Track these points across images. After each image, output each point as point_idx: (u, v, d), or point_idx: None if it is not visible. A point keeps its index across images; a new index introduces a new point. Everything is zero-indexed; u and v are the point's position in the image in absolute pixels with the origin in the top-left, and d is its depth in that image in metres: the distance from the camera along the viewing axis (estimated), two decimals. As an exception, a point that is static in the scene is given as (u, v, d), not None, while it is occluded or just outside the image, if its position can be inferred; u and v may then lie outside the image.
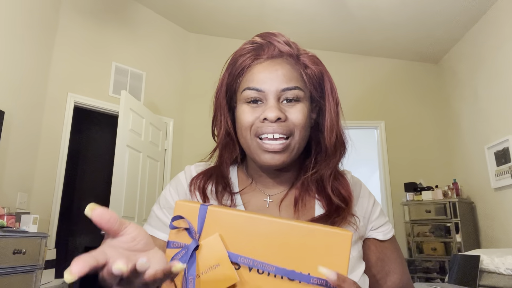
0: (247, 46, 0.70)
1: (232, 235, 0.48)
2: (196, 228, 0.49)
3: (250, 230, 0.48)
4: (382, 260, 0.70)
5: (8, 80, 2.76)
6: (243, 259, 0.47)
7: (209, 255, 0.47)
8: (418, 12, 3.91)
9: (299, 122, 0.65)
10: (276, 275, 0.46)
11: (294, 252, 0.46)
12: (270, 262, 0.46)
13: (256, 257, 0.47)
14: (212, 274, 0.47)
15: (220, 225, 0.48)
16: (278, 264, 0.46)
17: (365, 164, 5.43)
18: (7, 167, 2.75)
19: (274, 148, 0.63)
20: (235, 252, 0.47)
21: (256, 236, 0.47)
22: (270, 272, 0.46)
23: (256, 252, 0.47)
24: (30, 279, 2.19)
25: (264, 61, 0.68)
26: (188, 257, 0.47)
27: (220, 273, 0.46)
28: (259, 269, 0.46)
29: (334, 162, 0.69)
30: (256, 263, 0.46)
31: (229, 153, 0.73)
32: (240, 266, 0.47)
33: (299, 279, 0.45)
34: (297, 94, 0.66)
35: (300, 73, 0.69)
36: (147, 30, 4.16)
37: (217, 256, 0.47)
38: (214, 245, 0.47)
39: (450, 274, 3.18)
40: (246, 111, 0.66)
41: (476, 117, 4.04)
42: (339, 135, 0.70)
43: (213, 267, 0.47)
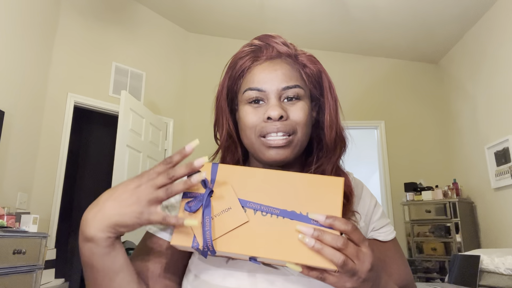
0: (246, 48, 0.72)
1: (240, 185, 0.56)
2: (210, 180, 0.56)
3: (255, 180, 0.56)
4: (384, 262, 0.70)
5: (8, 80, 2.76)
6: (251, 204, 0.54)
7: (222, 200, 0.55)
8: (418, 12, 3.91)
9: (300, 119, 0.66)
10: (278, 216, 0.53)
11: (294, 197, 0.54)
12: (273, 205, 0.54)
13: (261, 202, 0.54)
14: (224, 216, 0.54)
15: (229, 178, 0.56)
16: (279, 206, 0.54)
17: (365, 164, 5.43)
18: (7, 167, 2.75)
19: (278, 143, 0.65)
20: (243, 198, 0.55)
21: (261, 185, 0.55)
22: (274, 214, 0.53)
23: (262, 198, 0.54)
24: (30, 279, 2.19)
25: (263, 62, 0.70)
26: (204, 199, 0.54)
27: (232, 215, 0.53)
28: (263, 212, 0.54)
29: (334, 157, 0.71)
30: (263, 207, 0.54)
31: (231, 155, 0.74)
32: (246, 210, 0.54)
33: (299, 220, 0.52)
34: (297, 92, 0.67)
35: (299, 72, 0.70)
36: (147, 30, 4.16)
37: (228, 201, 0.54)
38: (226, 192, 0.55)
39: (450, 274, 3.18)
40: (249, 112, 0.68)
41: (476, 117, 4.04)
42: (339, 132, 0.72)
43: (226, 210, 0.54)
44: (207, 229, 0.52)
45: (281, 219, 0.52)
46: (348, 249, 0.48)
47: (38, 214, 2.57)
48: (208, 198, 0.54)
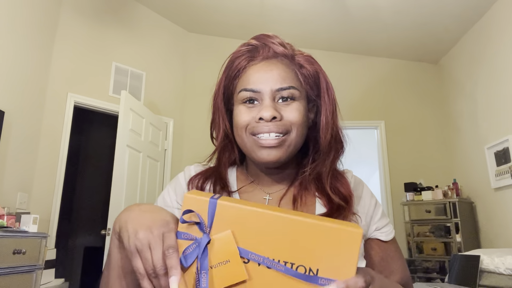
0: (243, 48, 0.72)
1: (242, 229, 0.48)
2: (206, 222, 0.49)
3: (260, 225, 0.48)
4: (386, 261, 0.71)
5: (8, 80, 2.76)
6: (253, 255, 0.48)
7: (220, 251, 0.48)
8: (418, 12, 3.91)
9: (295, 120, 0.66)
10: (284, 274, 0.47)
11: (303, 249, 0.47)
12: (280, 258, 0.47)
13: (265, 253, 0.47)
14: (222, 269, 0.48)
15: (230, 220, 0.49)
16: (287, 259, 0.47)
17: (365, 164, 5.43)
18: (7, 167, 2.75)
19: (270, 143, 0.64)
20: (245, 247, 0.48)
21: (266, 231, 0.48)
22: (279, 270, 0.47)
23: (266, 248, 0.47)
24: (30, 279, 2.19)
25: (259, 62, 0.70)
26: (200, 251, 0.48)
27: (230, 269, 0.47)
28: (268, 266, 0.47)
29: (329, 160, 0.70)
30: (265, 260, 0.47)
31: (227, 154, 0.74)
32: (249, 261, 0.48)
33: (306, 280, 0.46)
34: (292, 93, 0.67)
35: (295, 73, 0.70)
36: (147, 30, 4.16)
37: (228, 252, 0.48)
38: (226, 241, 0.48)
39: (450, 274, 3.18)
40: (243, 111, 0.67)
41: (476, 117, 4.04)
42: (335, 134, 0.70)
43: (223, 262, 0.48)
44: (204, 286, 0.47)
45: (286, 278, 0.46)
46: None
47: (38, 214, 2.57)
48: (205, 248, 0.48)
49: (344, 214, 0.66)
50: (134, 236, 0.50)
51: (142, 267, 0.49)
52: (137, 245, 0.49)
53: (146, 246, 0.49)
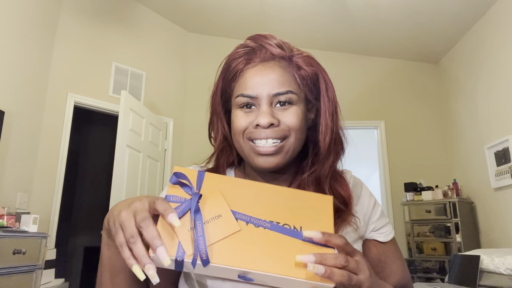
0: (239, 50, 0.70)
1: (229, 195, 0.52)
2: (196, 187, 0.52)
3: (244, 192, 0.53)
4: (384, 262, 0.70)
5: (8, 80, 2.76)
6: (241, 215, 0.50)
7: (210, 207, 0.50)
8: (418, 12, 3.91)
9: (293, 125, 0.65)
10: (270, 230, 0.50)
11: (285, 212, 0.52)
12: (264, 218, 0.51)
13: (252, 214, 0.51)
14: (215, 223, 0.49)
15: (216, 187, 0.52)
16: (272, 219, 0.51)
17: (365, 164, 5.43)
18: (7, 167, 2.75)
19: (267, 151, 0.63)
20: (232, 209, 0.51)
21: (250, 197, 0.52)
22: (265, 227, 0.50)
23: (251, 210, 0.51)
24: (30, 279, 2.19)
25: (256, 65, 0.68)
26: (194, 205, 0.49)
27: (223, 223, 0.49)
28: (255, 224, 0.50)
29: (329, 163, 0.69)
30: (253, 219, 0.50)
31: (225, 156, 0.74)
32: (237, 221, 0.50)
33: (291, 235, 0.50)
34: (289, 97, 0.65)
35: (293, 76, 0.68)
36: (147, 30, 4.16)
37: (218, 208, 0.50)
38: (215, 199, 0.51)
39: (450, 274, 3.18)
40: (240, 116, 0.67)
41: (476, 117, 4.04)
42: (334, 136, 0.69)
43: (215, 217, 0.49)
44: (200, 235, 0.47)
45: (273, 233, 0.50)
46: (350, 264, 0.48)
47: (38, 214, 2.58)
48: (197, 203, 0.49)
49: (343, 217, 0.65)
50: (118, 215, 0.49)
51: (122, 238, 0.47)
52: (120, 220, 0.48)
53: (129, 217, 0.48)
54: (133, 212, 0.49)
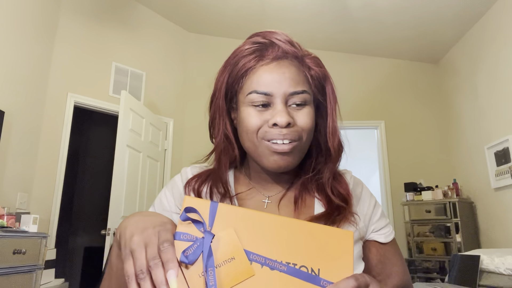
0: (249, 46, 0.68)
1: (243, 232, 0.48)
2: (208, 223, 0.48)
3: (260, 227, 0.49)
4: (384, 263, 0.70)
5: (8, 80, 2.76)
6: (255, 256, 0.47)
7: (223, 249, 0.47)
8: (418, 12, 3.91)
9: (307, 126, 0.65)
10: (287, 274, 0.47)
11: (303, 250, 0.48)
12: (281, 259, 0.47)
13: (267, 254, 0.47)
14: (228, 267, 0.46)
15: (230, 222, 0.48)
16: (288, 261, 0.47)
17: (365, 164, 5.43)
18: (7, 167, 2.75)
19: (284, 149, 0.63)
20: (247, 249, 0.47)
21: (266, 233, 0.48)
22: (281, 271, 0.47)
23: (267, 249, 0.48)
24: (30, 279, 2.19)
25: (269, 63, 0.66)
26: (206, 249, 0.45)
27: (236, 267, 0.46)
28: (270, 267, 0.47)
29: (334, 163, 0.69)
30: (268, 261, 0.47)
31: (227, 156, 0.72)
32: (252, 263, 0.47)
33: (308, 280, 0.46)
34: (304, 97, 0.65)
35: (306, 75, 0.68)
36: (147, 30, 4.16)
37: (232, 249, 0.47)
38: (229, 239, 0.47)
39: (450, 274, 3.18)
40: (253, 115, 0.65)
41: (476, 117, 4.04)
42: (339, 137, 0.70)
43: (228, 260, 0.46)
44: (212, 284, 0.43)
45: (289, 278, 0.46)
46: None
47: (38, 214, 2.58)
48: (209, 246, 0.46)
49: (343, 214, 0.65)
50: (130, 239, 0.47)
51: (132, 269, 0.45)
52: (131, 247, 0.46)
53: (140, 246, 0.46)
54: (145, 243, 0.46)
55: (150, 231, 0.47)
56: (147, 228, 0.48)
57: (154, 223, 0.49)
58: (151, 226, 0.48)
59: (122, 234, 0.50)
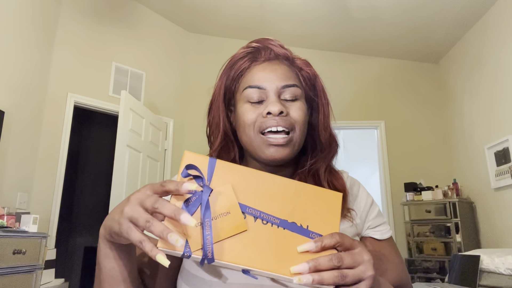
0: (245, 50, 0.74)
1: (240, 187, 0.51)
2: (206, 178, 0.50)
3: (256, 184, 0.52)
4: (379, 259, 0.71)
5: (8, 80, 2.76)
6: (251, 209, 0.50)
7: (220, 203, 0.49)
8: (418, 12, 3.91)
9: (299, 118, 0.68)
10: (278, 227, 0.50)
11: (294, 207, 0.51)
12: (274, 214, 0.50)
13: (261, 209, 0.50)
14: (222, 220, 0.48)
15: (227, 178, 0.51)
16: (280, 216, 0.50)
17: (365, 164, 5.43)
18: (7, 167, 2.75)
19: (278, 141, 0.66)
20: (243, 203, 0.50)
21: (261, 190, 0.52)
22: (274, 223, 0.50)
23: (261, 204, 0.51)
24: (30, 279, 2.19)
25: (262, 63, 0.72)
26: (204, 201, 0.48)
27: (230, 221, 0.49)
28: (264, 220, 0.50)
29: (328, 156, 0.73)
30: (262, 214, 0.50)
31: (226, 154, 0.75)
32: (246, 216, 0.50)
33: (299, 232, 0.50)
34: (296, 92, 0.70)
35: (296, 73, 0.73)
36: (147, 30, 4.16)
37: (228, 204, 0.49)
38: (226, 194, 0.50)
39: (450, 274, 3.18)
40: (248, 109, 0.69)
41: (476, 117, 4.04)
42: (331, 132, 0.75)
43: (224, 214, 0.49)
44: (208, 233, 0.46)
45: (281, 230, 0.50)
46: (344, 261, 0.48)
47: (38, 214, 2.57)
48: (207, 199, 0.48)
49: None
50: (121, 215, 0.47)
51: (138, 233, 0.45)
52: (128, 216, 0.47)
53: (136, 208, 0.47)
54: (139, 203, 0.47)
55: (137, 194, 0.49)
56: (132, 195, 0.49)
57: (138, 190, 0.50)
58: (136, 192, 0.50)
59: (111, 222, 0.50)
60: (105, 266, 0.55)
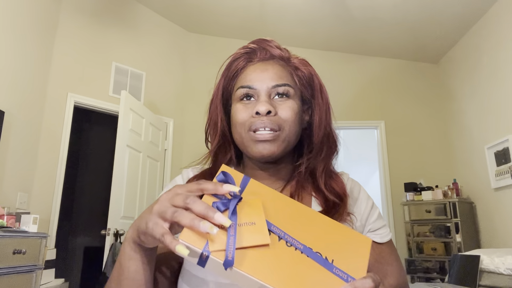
0: (241, 50, 0.75)
1: (268, 206, 0.51)
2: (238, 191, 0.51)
3: (285, 208, 0.52)
4: (380, 263, 0.71)
5: (8, 80, 2.76)
6: (276, 229, 0.49)
7: (247, 213, 0.49)
8: (418, 12, 3.91)
9: (288, 117, 0.69)
10: (302, 252, 0.48)
11: (321, 239, 0.50)
12: (299, 240, 0.49)
13: (287, 231, 0.49)
14: (247, 229, 0.48)
15: (258, 196, 0.51)
16: (305, 243, 0.49)
17: (365, 164, 5.43)
18: (7, 167, 2.75)
19: (265, 137, 0.67)
20: (269, 220, 0.50)
21: (289, 215, 0.51)
22: (298, 248, 0.48)
23: (287, 227, 0.50)
24: (30, 279, 2.19)
25: (256, 63, 0.73)
26: (233, 205, 0.48)
27: (254, 231, 0.48)
28: (288, 242, 0.49)
29: (322, 157, 0.73)
30: (287, 236, 0.49)
31: (223, 153, 0.76)
32: (270, 234, 0.49)
33: (323, 265, 0.48)
34: (287, 90, 0.70)
35: (291, 73, 0.74)
36: (147, 30, 4.16)
37: (254, 215, 0.49)
38: (254, 206, 0.50)
39: (450, 274, 3.18)
40: (240, 109, 0.70)
41: (476, 117, 4.04)
42: (328, 132, 0.74)
43: (249, 223, 0.48)
44: (232, 234, 0.46)
45: (304, 256, 0.48)
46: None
47: (38, 214, 2.58)
48: (235, 205, 0.48)
49: (339, 212, 0.67)
50: (150, 210, 0.48)
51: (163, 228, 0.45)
52: (157, 211, 0.47)
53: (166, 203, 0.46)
54: (169, 200, 0.47)
55: (165, 195, 0.48)
56: (161, 198, 0.49)
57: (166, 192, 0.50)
58: (164, 194, 0.49)
59: (137, 222, 0.50)
60: (128, 268, 0.54)
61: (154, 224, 0.47)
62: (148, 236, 0.48)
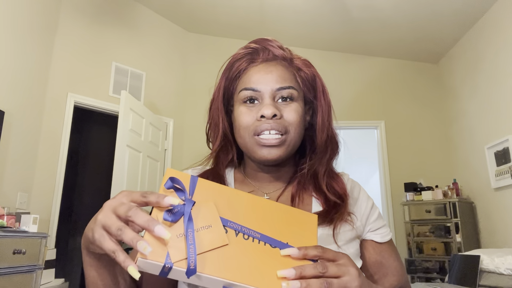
0: (243, 51, 0.74)
1: (220, 204, 0.52)
2: (188, 193, 0.51)
3: (236, 202, 0.53)
4: (380, 262, 0.71)
5: (8, 80, 2.76)
6: (232, 223, 0.51)
7: (202, 216, 0.50)
8: (418, 12, 3.91)
9: (293, 120, 0.68)
10: (259, 241, 0.51)
11: (274, 225, 0.53)
12: (255, 229, 0.52)
13: (242, 224, 0.51)
14: (205, 233, 0.48)
15: (208, 195, 0.52)
16: (261, 231, 0.52)
17: (365, 164, 5.43)
18: (7, 167, 2.75)
19: (271, 142, 0.66)
20: (224, 217, 0.51)
21: (242, 207, 0.53)
22: (255, 238, 0.51)
23: (242, 220, 0.52)
24: (30, 279, 2.19)
25: (259, 64, 0.72)
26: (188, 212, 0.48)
27: (211, 234, 0.49)
28: (245, 234, 0.50)
29: (326, 159, 0.73)
30: (243, 229, 0.51)
31: (225, 154, 0.76)
32: (227, 231, 0.50)
33: (280, 247, 0.51)
34: (291, 93, 0.69)
35: (294, 75, 0.72)
36: (147, 30, 4.16)
37: (209, 217, 0.50)
38: (207, 207, 0.51)
39: (450, 274, 3.18)
40: (244, 112, 0.69)
41: (476, 117, 4.04)
42: (330, 134, 0.73)
43: (206, 227, 0.49)
44: (191, 243, 0.46)
45: (262, 245, 0.50)
46: (329, 270, 0.48)
47: (38, 214, 2.58)
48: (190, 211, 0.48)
49: (340, 211, 0.67)
50: (94, 222, 0.47)
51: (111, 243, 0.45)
52: (101, 223, 0.46)
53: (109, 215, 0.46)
54: (112, 210, 0.47)
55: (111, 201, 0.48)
56: (107, 202, 0.48)
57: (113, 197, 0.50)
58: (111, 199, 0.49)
59: (86, 231, 0.50)
60: (88, 274, 0.55)
61: (100, 235, 0.46)
62: (96, 246, 0.48)
